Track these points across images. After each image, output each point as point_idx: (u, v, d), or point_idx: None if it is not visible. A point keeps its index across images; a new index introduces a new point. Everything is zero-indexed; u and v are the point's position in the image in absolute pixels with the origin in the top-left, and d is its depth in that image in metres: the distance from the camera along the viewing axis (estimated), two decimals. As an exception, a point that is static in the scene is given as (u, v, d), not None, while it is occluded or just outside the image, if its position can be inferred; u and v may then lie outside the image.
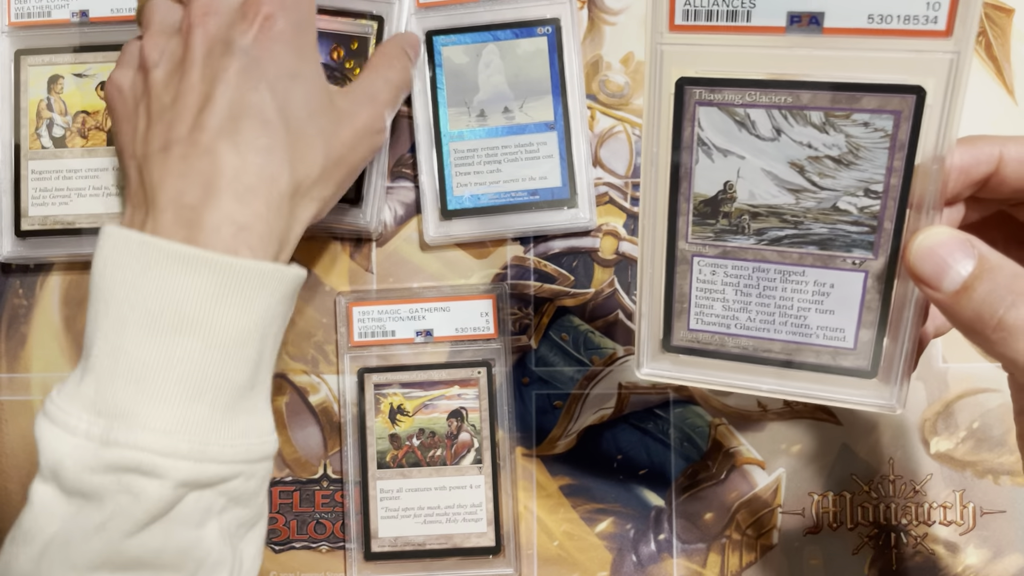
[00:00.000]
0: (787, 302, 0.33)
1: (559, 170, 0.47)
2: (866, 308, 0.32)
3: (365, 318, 0.48)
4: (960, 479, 0.47)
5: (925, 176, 0.30)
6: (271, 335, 0.36)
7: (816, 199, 0.31)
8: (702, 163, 0.32)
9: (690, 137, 0.32)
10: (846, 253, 0.32)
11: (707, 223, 0.33)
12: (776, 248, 0.32)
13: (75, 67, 0.49)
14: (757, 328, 0.34)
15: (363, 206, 0.47)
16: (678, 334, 0.35)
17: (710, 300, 0.34)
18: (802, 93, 0.30)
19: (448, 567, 0.47)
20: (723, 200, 0.32)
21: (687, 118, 0.32)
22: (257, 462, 0.35)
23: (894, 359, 0.32)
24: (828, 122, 0.30)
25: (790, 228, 0.32)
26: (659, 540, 0.48)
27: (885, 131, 0.30)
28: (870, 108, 0.29)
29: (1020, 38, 0.48)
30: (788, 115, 0.30)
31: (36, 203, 0.48)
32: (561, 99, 0.47)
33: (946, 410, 0.47)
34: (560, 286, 0.48)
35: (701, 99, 0.31)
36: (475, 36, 0.48)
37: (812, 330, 0.33)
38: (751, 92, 0.30)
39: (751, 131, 0.31)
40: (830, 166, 0.31)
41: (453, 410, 0.48)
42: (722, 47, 0.30)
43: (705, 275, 0.34)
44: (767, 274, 0.33)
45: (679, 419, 0.48)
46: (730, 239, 0.33)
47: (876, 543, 0.47)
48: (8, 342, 0.50)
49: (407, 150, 0.49)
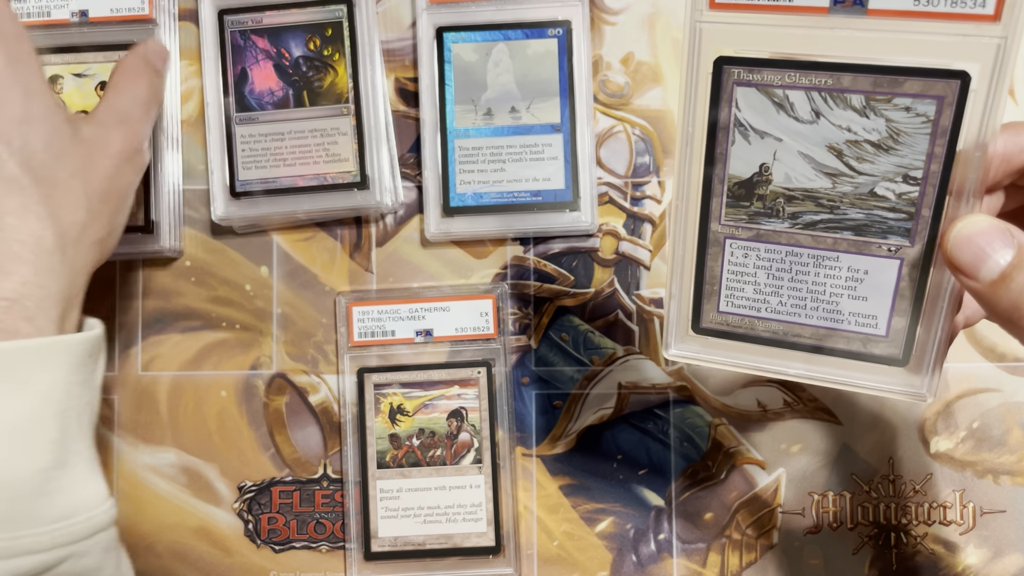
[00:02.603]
0: (819, 287, 0.32)
1: (563, 173, 0.47)
2: (900, 296, 0.31)
3: (365, 318, 0.48)
4: (960, 479, 0.47)
5: (966, 163, 0.29)
6: (73, 408, 0.33)
7: (853, 184, 0.31)
8: (738, 144, 0.31)
9: (727, 118, 0.31)
10: (882, 240, 0.31)
11: (741, 205, 0.32)
12: (810, 232, 0.32)
13: (75, 67, 0.48)
14: (788, 312, 0.33)
15: (371, 187, 0.47)
16: (708, 316, 0.34)
17: (741, 283, 0.33)
18: (843, 76, 0.29)
19: (448, 567, 0.48)
20: (758, 182, 0.32)
21: (724, 98, 0.31)
22: (88, 538, 0.33)
23: (926, 347, 0.32)
24: (869, 106, 0.29)
25: (825, 212, 0.31)
26: (659, 540, 0.48)
27: (927, 116, 0.29)
28: (912, 92, 0.29)
29: None
30: (828, 97, 0.30)
31: None
32: (568, 102, 0.47)
33: (946, 410, 0.47)
34: (560, 286, 0.48)
35: (739, 79, 0.30)
36: (486, 35, 0.47)
37: (844, 316, 0.32)
38: (791, 73, 0.30)
39: (789, 113, 0.30)
40: (869, 151, 0.30)
41: (453, 410, 0.48)
42: (762, 26, 0.29)
43: (737, 258, 0.33)
44: (800, 258, 0.32)
45: (679, 419, 0.48)
46: (764, 222, 0.32)
47: (876, 543, 0.47)
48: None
49: (408, 149, 0.49)
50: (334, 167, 0.47)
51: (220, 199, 0.48)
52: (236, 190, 0.48)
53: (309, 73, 0.47)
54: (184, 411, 0.49)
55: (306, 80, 0.47)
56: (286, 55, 0.48)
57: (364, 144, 0.47)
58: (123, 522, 0.49)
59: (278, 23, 0.48)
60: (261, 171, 0.47)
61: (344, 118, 0.47)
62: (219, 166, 0.48)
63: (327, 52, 0.47)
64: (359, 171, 0.47)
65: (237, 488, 0.49)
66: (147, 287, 0.49)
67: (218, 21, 0.48)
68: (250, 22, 0.48)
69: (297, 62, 0.47)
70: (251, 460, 0.49)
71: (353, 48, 0.47)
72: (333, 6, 0.47)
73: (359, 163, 0.47)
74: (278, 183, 0.47)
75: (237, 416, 0.49)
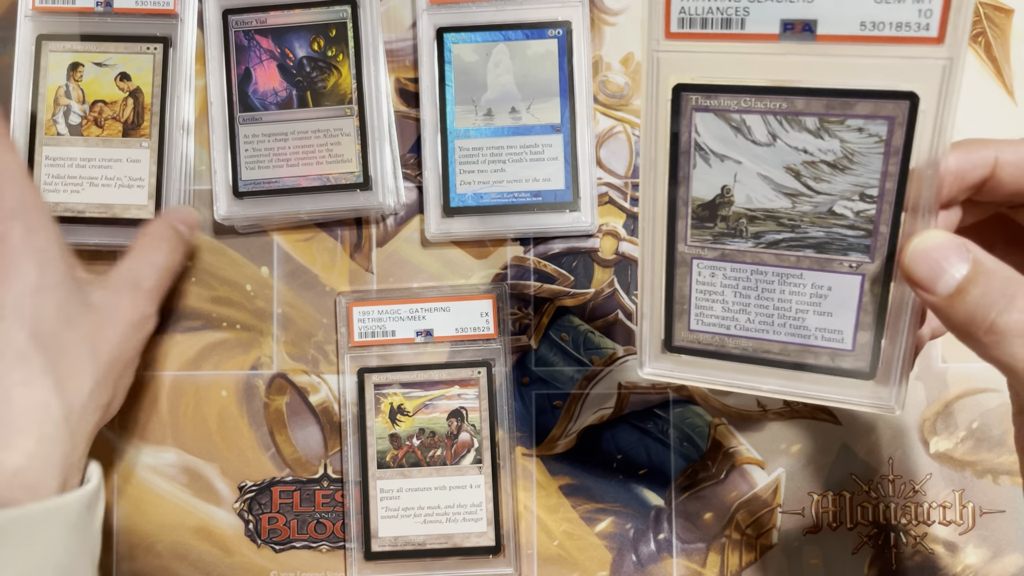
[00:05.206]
0: (785, 304, 0.33)
1: (563, 173, 0.47)
2: (863, 310, 0.32)
3: (365, 318, 0.48)
4: (960, 479, 0.47)
5: (920, 180, 0.30)
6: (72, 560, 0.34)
7: (812, 203, 0.31)
8: (700, 168, 0.32)
9: (687, 142, 0.32)
10: (843, 256, 0.32)
11: (705, 226, 0.33)
12: (773, 251, 0.32)
13: (96, 56, 0.49)
14: (756, 329, 0.34)
15: (374, 188, 0.47)
16: (679, 335, 0.35)
17: (710, 301, 0.34)
18: (797, 99, 0.30)
19: (448, 567, 0.47)
20: (721, 204, 0.32)
21: (684, 124, 0.32)
22: None
23: (892, 360, 0.33)
24: (823, 127, 0.30)
25: (787, 231, 0.32)
26: (659, 540, 0.48)
27: (879, 136, 0.30)
28: (864, 114, 0.30)
29: (1020, 38, 0.48)
30: (783, 121, 0.31)
31: (48, 189, 0.48)
32: (569, 102, 0.47)
33: (945, 410, 0.47)
34: (560, 286, 0.48)
35: (697, 105, 0.31)
36: (486, 35, 0.48)
37: (811, 332, 0.33)
38: (746, 98, 0.31)
39: (747, 136, 0.31)
40: (825, 171, 0.31)
41: (453, 410, 0.48)
42: (717, 54, 0.30)
43: (704, 277, 0.34)
44: (765, 276, 0.33)
45: (679, 419, 0.48)
46: (728, 242, 0.33)
47: (876, 543, 0.47)
48: (9, 342, 0.50)
49: (408, 149, 0.49)
50: (337, 168, 0.48)
51: (223, 199, 0.48)
52: (239, 190, 0.48)
53: (313, 74, 0.48)
54: (184, 411, 0.49)
55: (310, 81, 0.48)
56: (290, 55, 0.48)
57: (367, 145, 0.47)
58: (123, 522, 0.49)
59: (282, 23, 0.48)
60: (264, 171, 0.48)
61: (347, 119, 0.48)
62: (222, 166, 0.48)
63: (331, 53, 0.48)
64: (362, 172, 0.47)
65: (237, 488, 0.49)
66: (149, 287, 0.50)
67: (222, 21, 0.48)
68: (254, 22, 0.48)
69: (301, 62, 0.48)
70: (251, 460, 0.49)
71: (357, 49, 0.48)
72: (337, 7, 0.48)
73: (362, 164, 0.47)
74: (281, 183, 0.48)
75: (237, 416, 0.49)
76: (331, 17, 0.48)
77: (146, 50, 0.49)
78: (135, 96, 0.49)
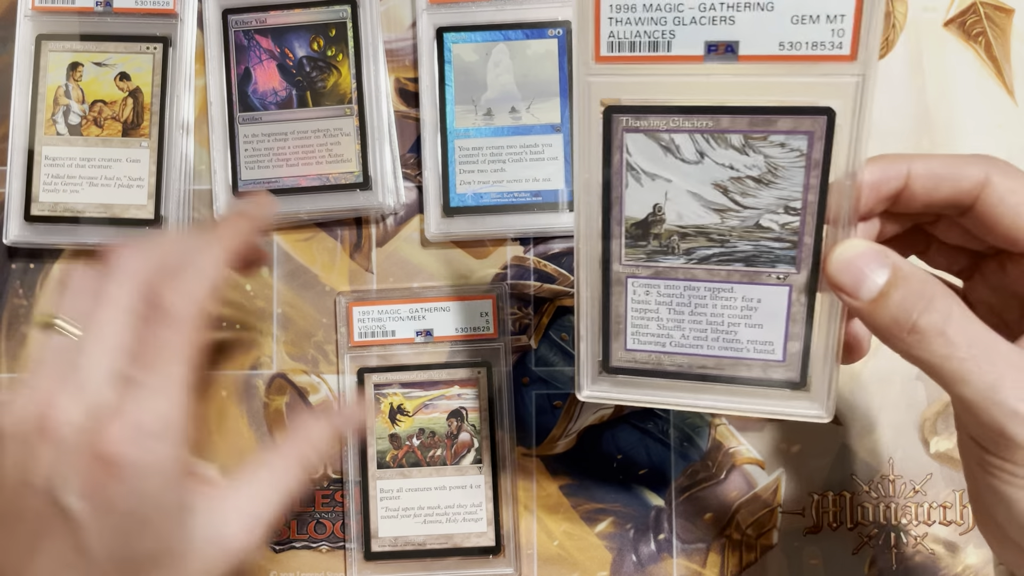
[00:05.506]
0: (718, 318, 0.34)
1: (563, 173, 0.47)
2: (792, 320, 0.33)
3: (365, 318, 0.48)
4: (960, 479, 0.47)
5: (839, 192, 0.31)
6: None
7: (740, 218, 0.32)
8: (632, 187, 0.33)
9: (619, 163, 0.33)
10: (770, 268, 0.33)
11: (639, 245, 0.34)
12: (705, 266, 0.33)
13: (96, 55, 0.49)
14: (691, 345, 0.35)
15: (374, 188, 0.47)
16: (616, 355, 0.36)
17: (645, 320, 0.35)
18: (722, 117, 0.31)
19: (448, 567, 0.47)
20: (653, 222, 0.33)
21: (616, 145, 0.32)
22: None
23: (821, 369, 0.33)
24: (747, 144, 0.31)
25: (717, 247, 0.33)
26: (659, 540, 0.48)
27: (800, 151, 0.31)
28: (785, 130, 0.31)
29: (1020, 38, 0.48)
30: (710, 139, 0.31)
31: (47, 189, 0.48)
32: (569, 102, 0.47)
33: (946, 410, 0.47)
34: (560, 286, 0.48)
35: (628, 126, 0.32)
36: (486, 35, 0.48)
37: (743, 344, 0.34)
38: (674, 118, 0.32)
39: (676, 155, 0.32)
40: (751, 186, 0.32)
41: (453, 410, 0.48)
42: (645, 76, 0.31)
43: (639, 295, 0.34)
44: (698, 292, 0.34)
45: (679, 419, 0.48)
46: (661, 259, 0.34)
47: (876, 543, 0.47)
48: (8, 342, 0.50)
49: (408, 149, 0.49)
50: (337, 167, 0.48)
51: (223, 199, 0.48)
52: (239, 190, 0.48)
53: (312, 73, 0.48)
54: (184, 411, 0.49)
55: (309, 80, 0.48)
56: (290, 55, 0.48)
57: (367, 145, 0.47)
58: (122, 522, 0.49)
59: (282, 23, 0.48)
60: (264, 171, 0.48)
61: (347, 118, 0.48)
62: (222, 166, 0.48)
63: (331, 52, 0.48)
64: (362, 172, 0.47)
65: (237, 488, 0.49)
66: (148, 287, 0.50)
67: (222, 21, 0.48)
68: (254, 22, 0.48)
69: (301, 62, 0.48)
70: (251, 460, 0.49)
71: (357, 49, 0.48)
72: (337, 7, 0.48)
73: (362, 164, 0.47)
74: (281, 183, 0.48)
75: (237, 416, 0.49)
76: (331, 17, 0.48)
77: (146, 50, 0.49)
78: (135, 96, 0.49)
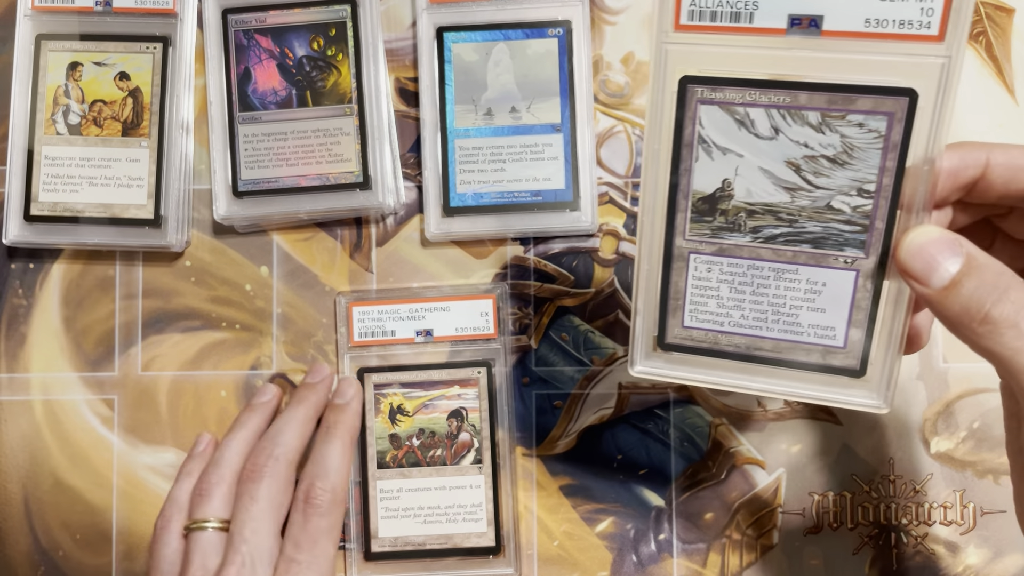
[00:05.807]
0: (780, 300, 0.33)
1: (563, 172, 0.47)
2: (856, 307, 0.32)
3: (365, 318, 0.48)
4: (960, 479, 0.47)
5: (916, 177, 0.30)
6: None
7: (811, 198, 0.32)
8: (702, 160, 0.32)
9: (691, 135, 0.32)
10: (838, 252, 0.32)
11: (704, 220, 0.33)
12: (771, 246, 0.33)
13: (95, 55, 0.49)
14: (750, 326, 0.34)
15: (374, 187, 0.47)
16: (672, 331, 0.35)
17: (705, 297, 0.34)
18: (800, 93, 0.30)
19: (448, 567, 0.47)
20: (721, 197, 0.33)
21: (688, 116, 0.32)
22: None
23: (883, 359, 0.33)
24: (824, 122, 0.31)
25: (785, 226, 0.32)
26: (659, 540, 0.48)
27: (879, 132, 0.30)
28: (865, 109, 0.30)
29: (1020, 38, 0.48)
30: (786, 115, 0.31)
31: (47, 189, 0.48)
32: (569, 102, 0.47)
33: (946, 410, 0.47)
34: (560, 286, 0.48)
35: (703, 97, 0.32)
36: (486, 35, 0.48)
37: (804, 328, 0.33)
38: (751, 92, 0.31)
39: (750, 130, 0.31)
40: (825, 165, 0.31)
41: (453, 410, 0.48)
42: (725, 47, 0.31)
43: (701, 272, 0.34)
44: (761, 272, 0.33)
45: (679, 419, 0.48)
46: (726, 236, 0.33)
47: (876, 543, 0.47)
48: (8, 342, 0.50)
49: (408, 149, 0.49)
50: (337, 167, 0.48)
51: (222, 199, 0.48)
52: (238, 190, 0.48)
53: (312, 73, 0.48)
54: (184, 411, 0.49)
55: (309, 80, 0.48)
56: (289, 55, 0.48)
57: (367, 144, 0.47)
58: (123, 522, 0.49)
59: (282, 23, 0.48)
60: (264, 171, 0.48)
61: (347, 118, 0.47)
62: (222, 166, 0.48)
63: (331, 52, 0.48)
64: (362, 171, 0.47)
65: (236, 488, 0.49)
66: (147, 287, 0.49)
67: (222, 20, 0.48)
68: (254, 21, 0.48)
69: (300, 62, 0.48)
70: (251, 460, 0.49)
71: (357, 48, 0.48)
72: (337, 6, 0.48)
73: (362, 163, 0.47)
74: (280, 183, 0.48)
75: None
76: (331, 16, 0.48)
77: (145, 49, 0.49)
78: (134, 95, 0.49)
